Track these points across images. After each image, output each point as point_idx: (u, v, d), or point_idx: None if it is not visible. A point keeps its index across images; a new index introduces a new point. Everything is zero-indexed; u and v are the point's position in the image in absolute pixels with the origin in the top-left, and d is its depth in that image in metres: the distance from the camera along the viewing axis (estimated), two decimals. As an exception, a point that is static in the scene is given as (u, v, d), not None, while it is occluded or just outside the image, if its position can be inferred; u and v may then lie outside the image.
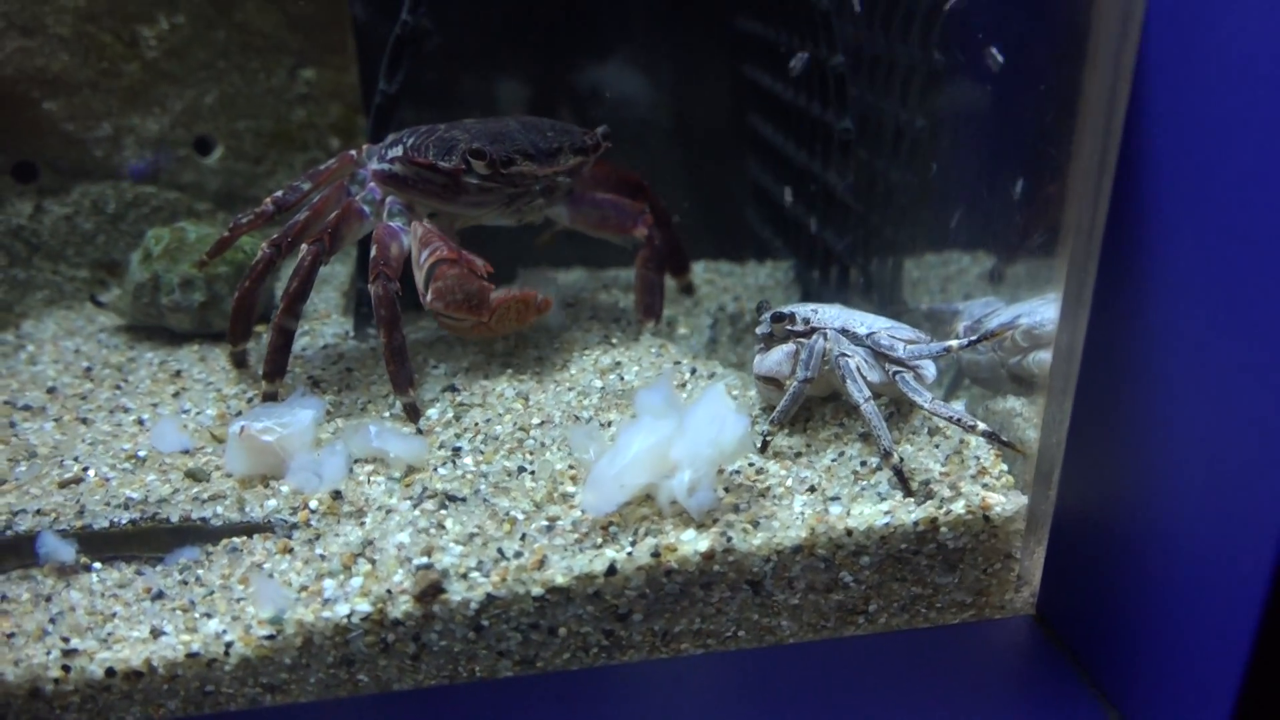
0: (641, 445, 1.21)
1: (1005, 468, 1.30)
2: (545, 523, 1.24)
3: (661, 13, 2.20)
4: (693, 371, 1.52)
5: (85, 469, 1.35)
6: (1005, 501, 1.25)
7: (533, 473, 1.31)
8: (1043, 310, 1.42)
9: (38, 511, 1.27)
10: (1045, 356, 1.31)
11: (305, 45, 1.97)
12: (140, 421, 1.46)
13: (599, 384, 1.48)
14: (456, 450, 1.36)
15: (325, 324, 1.70)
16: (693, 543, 1.20)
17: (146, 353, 1.64)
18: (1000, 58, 1.38)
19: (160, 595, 1.21)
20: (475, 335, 1.49)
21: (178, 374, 1.57)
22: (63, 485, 1.32)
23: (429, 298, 1.38)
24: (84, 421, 1.47)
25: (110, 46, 1.79)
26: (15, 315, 1.77)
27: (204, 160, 1.93)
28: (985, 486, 1.27)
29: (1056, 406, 1.25)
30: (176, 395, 1.52)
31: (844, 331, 1.37)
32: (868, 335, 1.36)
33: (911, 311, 1.73)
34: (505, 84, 2.17)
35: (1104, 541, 1.19)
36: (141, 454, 1.38)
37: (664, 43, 2.19)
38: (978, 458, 1.31)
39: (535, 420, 1.40)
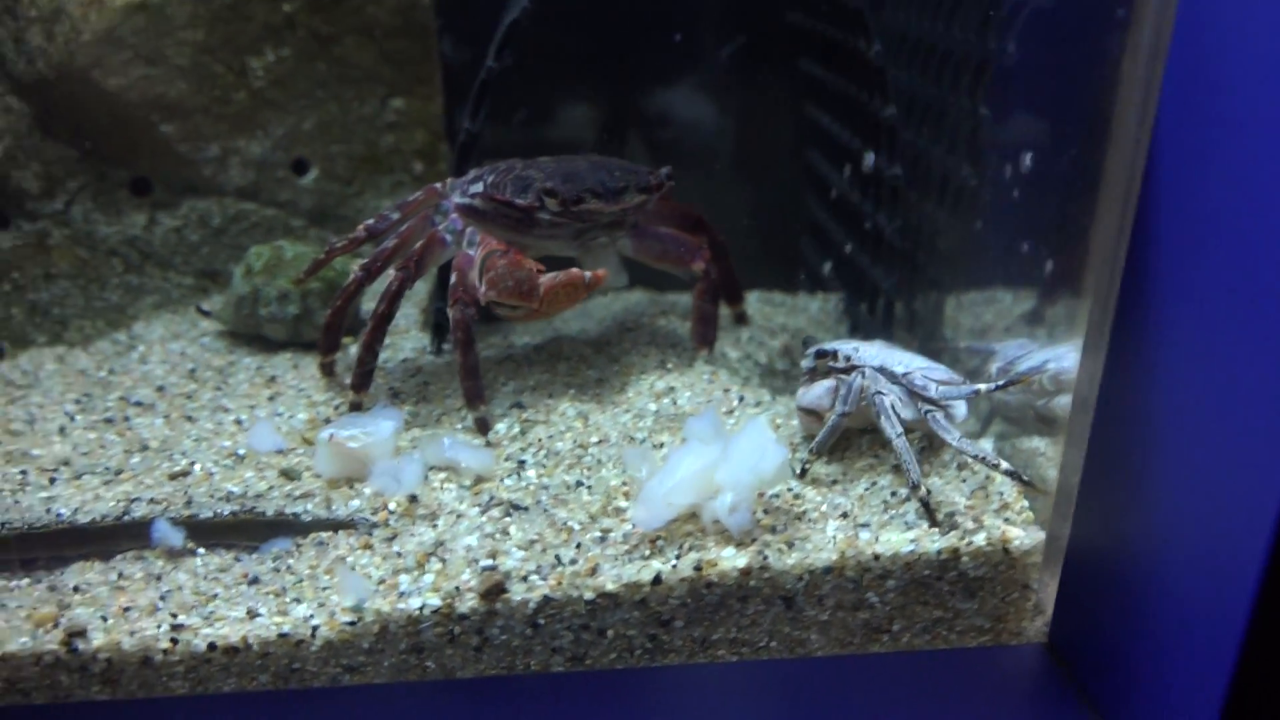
0: (689, 468, 1.34)
1: (1026, 504, 1.40)
2: (599, 534, 1.36)
3: (730, 52, 2.31)
4: (740, 399, 1.64)
5: (192, 463, 1.51)
6: (1024, 536, 1.35)
7: (589, 487, 1.44)
8: (1070, 357, 1.51)
9: (151, 500, 1.43)
10: (1069, 401, 1.40)
11: (396, 77, 2.12)
12: (239, 421, 1.62)
13: (653, 407, 1.61)
14: (521, 463, 1.49)
15: (405, 339, 1.85)
16: (732, 559, 1.32)
17: (245, 358, 1.81)
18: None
19: (255, 580, 1.35)
20: (533, 319, 1.57)
21: (273, 379, 1.73)
22: (172, 477, 1.48)
23: (483, 289, 1.49)
24: (189, 419, 1.63)
25: (222, 76, 1.96)
26: (128, 317, 1.95)
27: (300, 180, 2.10)
28: (1007, 521, 1.37)
29: (1075, 449, 1.35)
30: (271, 399, 1.67)
31: (882, 370, 1.48)
32: (904, 375, 1.46)
33: (950, 349, 1.83)
34: (579, 118, 2.31)
35: (1112, 578, 1.29)
36: (240, 452, 1.54)
37: (732, 81, 2.30)
38: (1001, 493, 1.41)
39: (594, 439, 1.53)
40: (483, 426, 1.56)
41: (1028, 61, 1.64)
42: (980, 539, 1.34)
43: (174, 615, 1.30)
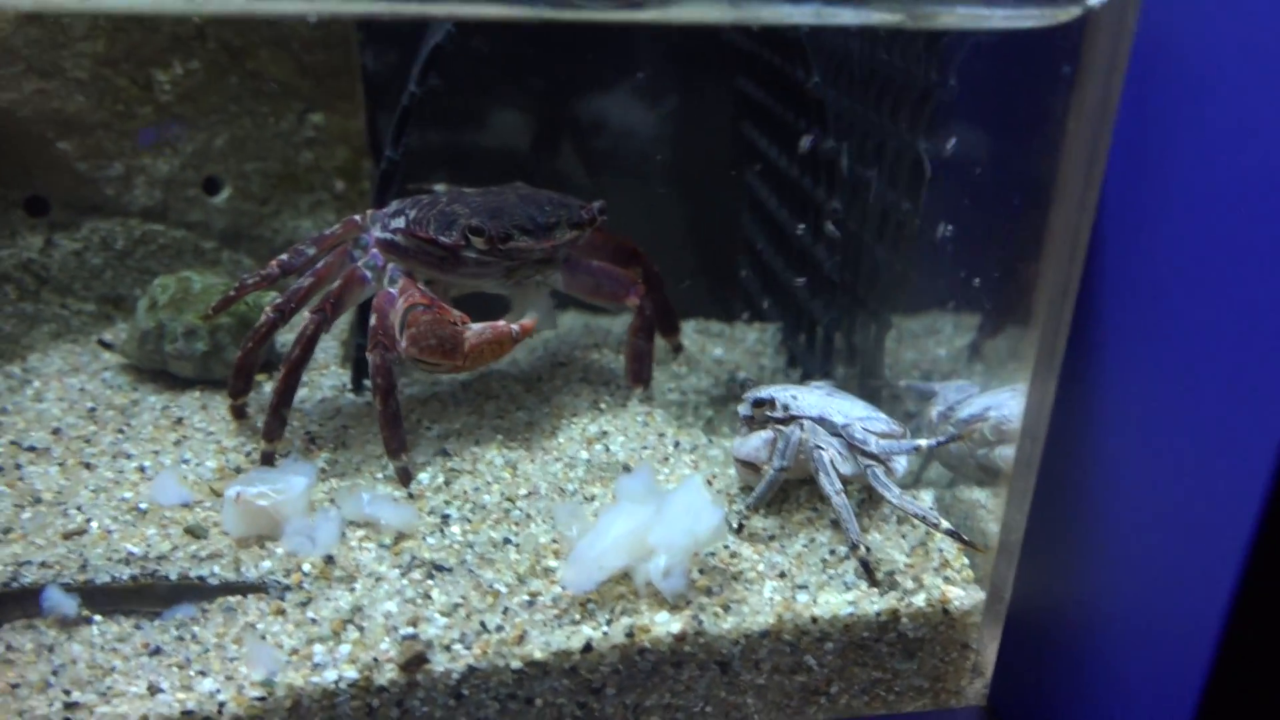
0: (621, 529, 1.28)
1: (967, 561, 1.37)
2: (527, 597, 1.30)
3: (665, 67, 2.26)
4: (676, 445, 1.58)
5: (88, 520, 1.40)
6: (964, 596, 1.32)
7: (517, 545, 1.38)
8: (1012, 404, 1.48)
9: (42, 564, 1.32)
10: (1011, 453, 1.37)
11: (315, 91, 2.02)
12: (141, 469, 1.52)
13: (585, 455, 1.54)
14: (445, 518, 1.42)
15: (324, 375, 1.75)
16: (666, 624, 1.26)
17: (149, 396, 1.70)
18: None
19: (158, 651, 1.26)
20: (457, 372, 1.51)
21: (179, 421, 1.62)
22: (66, 536, 1.38)
23: (404, 344, 1.42)
24: (87, 466, 1.52)
25: (126, 90, 1.84)
26: (22, 348, 1.82)
27: (211, 200, 1.98)
28: (946, 580, 1.34)
29: (1016, 506, 1.32)
30: (178, 444, 1.57)
31: (821, 420, 1.43)
32: (844, 426, 1.42)
33: (891, 387, 1.80)
34: (507, 139, 2.23)
35: (1054, 640, 1.26)
36: (143, 506, 1.44)
37: (667, 97, 2.25)
38: (942, 550, 1.37)
39: (522, 491, 1.46)
40: (405, 477, 1.48)
41: (969, 99, 1.60)
42: (920, 599, 1.31)
43: (67, 692, 1.20)
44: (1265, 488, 0.90)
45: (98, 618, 1.31)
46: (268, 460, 1.49)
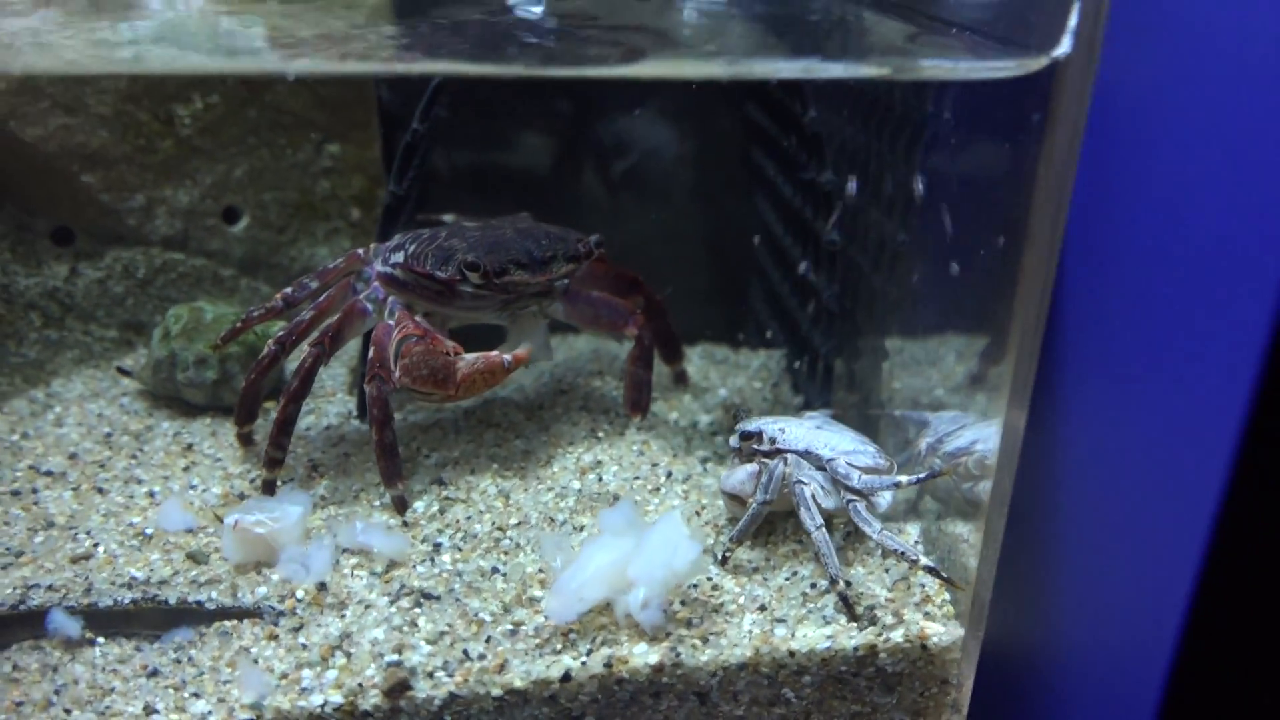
0: (601, 561, 1.31)
1: (948, 597, 1.37)
2: (510, 626, 1.33)
3: (678, 92, 2.28)
4: (669, 475, 1.61)
5: (96, 544, 1.46)
6: (944, 632, 1.32)
7: (505, 575, 1.41)
8: (996, 438, 1.49)
9: (49, 587, 1.38)
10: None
11: (331, 121, 2.07)
12: (151, 495, 1.57)
13: (577, 485, 1.57)
14: (437, 546, 1.46)
15: (330, 402, 1.80)
16: (644, 655, 1.28)
17: (163, 422, 1.76)
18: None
19: (155, 673, 1.31)
20: (451, 402, 1.54)
21: (189, 447, 1.68)
22: (74, 561, 1.43)
23: (396, 374, 1.46)
24: (100, 491, 1.58)
25: (147, 124, 1.91)
26: (46, 373, 1.90)
27: (230, 229, 2.05)
28: (927, 615, 1.34)
29: (990, 542, 1.33)
30: (186, 470, 1.63)
31: (807, 454, 1.45)
32: (828, 461, 1.43)
33: (887, 415, 1.81)
34: (518, 163, 2.27)
35: (1023, 676, 1.27)
36: (148, 531, 1.49)
37: (680, 121, 2.27)
38: (923, 585, 1.38)
39: (513, 520, 1.50)
40: (400, 505, 1.52)
41: (959, 137, 1.61)
42: (898, 635, 1.32)
43: (68, 711, 1.25)
44: (1209, 524, 0.91)
45: (101, 639, 1.36)
46: (269, 489, 1.54)
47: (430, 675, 1.27)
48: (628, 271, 1.82)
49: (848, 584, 1.35)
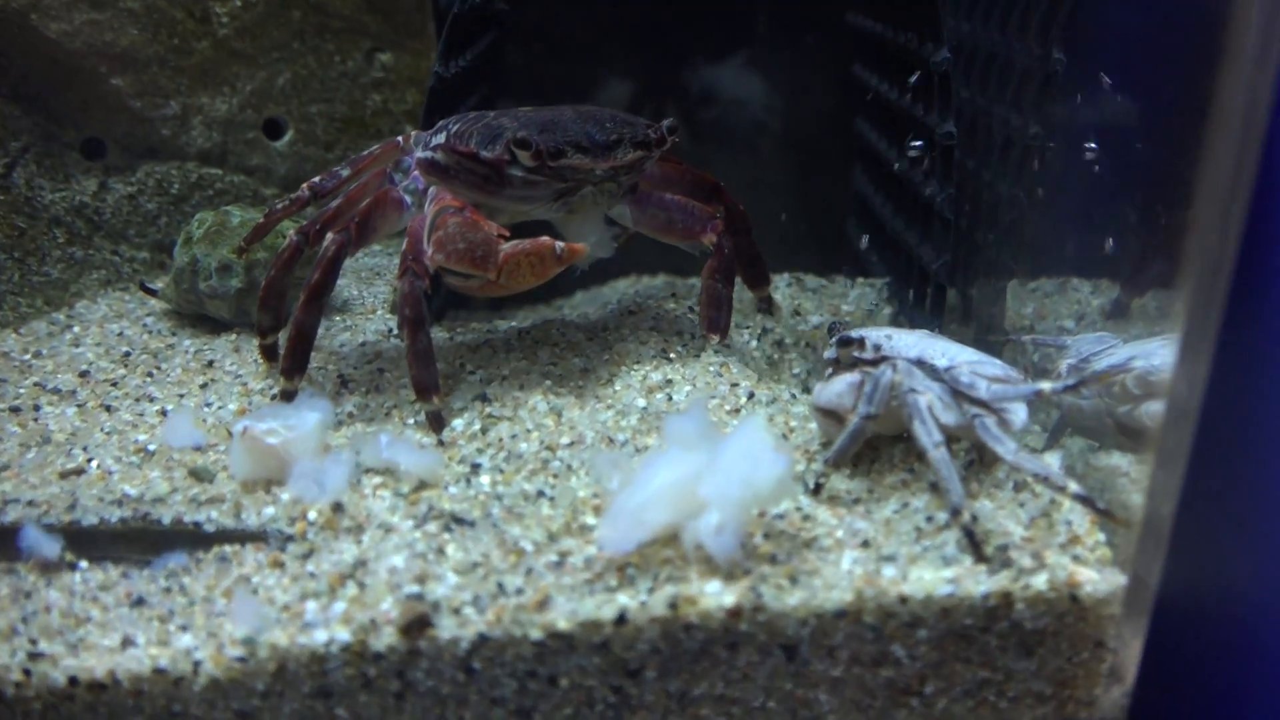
0: (665, 479, 1.06)
1: (1103, 538, 1.09)
2: (555, 557, 1.10)
3: (774, 6, 2.06)
4: (750, 396, 1.36)
5: (90, 460, 1.28)
6: (1098, 579, 1.05)
7: (552, 499, 1.18)
8: (1162, 353, 1.20)
9: (29, 503, 1.20)
10: (1159, 409, 1.10)
11: (383, 28, 1.89)
12: (163, 412, 1.39)
13: (642, 403, 1.34)
14: (475, 467, 1.23)
15: (370, 320, 1.60)
16: (717, 596, 1.04)
17: (186, 340, 1.58)
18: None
19: (141, 602, 1.12)
20: (491, 292, 1.30)
21: (210, 364, 1.49)
22: (63, 476, 1.25)
23: (430, 250, 1.24)
24: (108, 409, 1.40)
25: (181, 23, 1.74)
26: (70, 295, 1.74)
27: (273, 144, 1.87)
28: (1076, 559, 1.07)
29: (1168, 470, 1.05)
30: (204, 387, 1.44)
31: (919, 363, 1.19)
32: (946, 369, 1.17)
33: (1013, 343, 1.53)
34: (598, 76, 2.07)
35: (1217, 637, 0.98)
36: (151, 448, 1.30)
37: (771, 36, 2.06)
38: (1069, 522, 1.11)
39: (565, 440, 1.27)
40: (435, 423, 1.30)
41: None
42: (1040, 581, 1.04)
43: (33, 641, 1.07)
44: None
45: (83, 564, 1.18)
46: (288, 400, 1.34)
47: (457, 611, 1.05)
48: (707, 175, 1.58)
49: (973, 517, 1.08)
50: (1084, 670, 1.08)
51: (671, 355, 1.47)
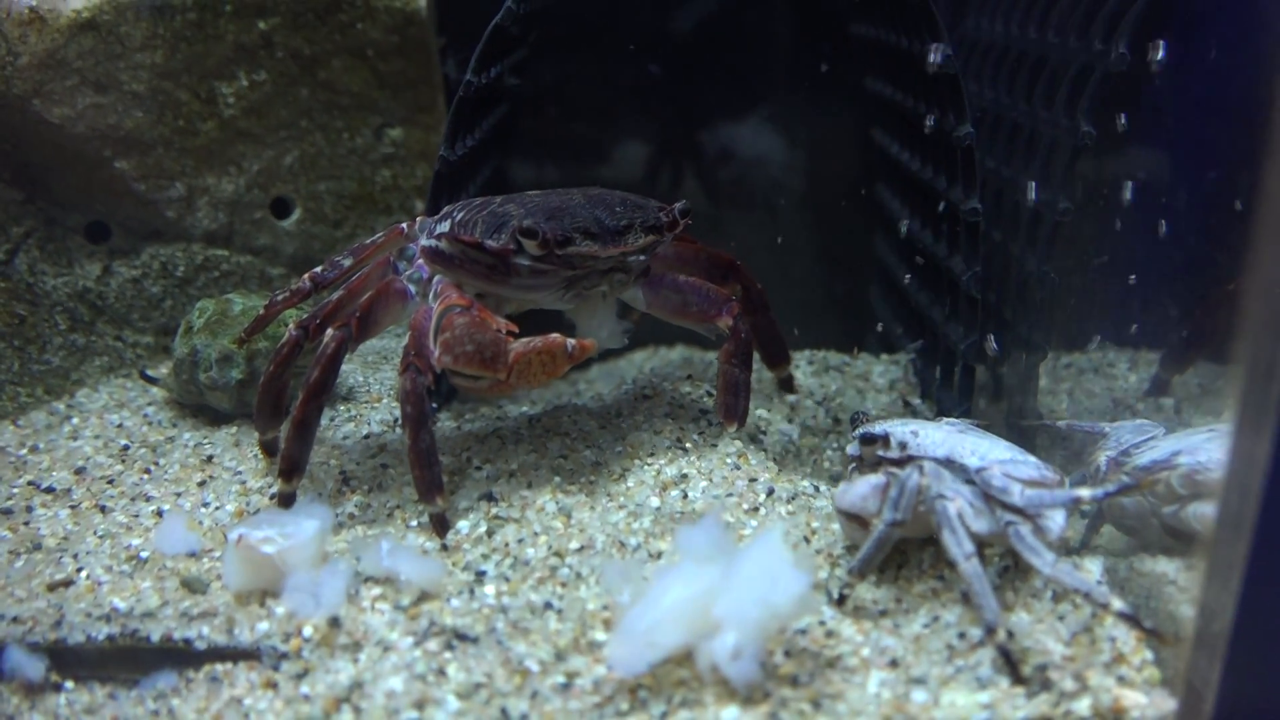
0: (677, 596, 1.00)
1: (1150, 656, 1.01)
2: (563, 679, 1.03)
3: (791, 69, 2.03)
4: (769, 492, 1.29)
5: (79, 570, 1.22)
6: (1145, 703, 0.97)
7: (559, 612, 1.11)
8: (1209, 448, 1.13)
9: (14, 619, 1.14)
10: (1210, 510, 1.02)
11: (393, 104, 1.86)
12: (159, 513, 1.33)
13: (655, 503, 1.27)
14: (480, 575, 1.17)
15: (375, 409, 1.54)
16: (736, 723, 0.97)
17: (186, 433, 1.53)
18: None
19: (127, 727, 1.06)
20: (500, 392, 1.26)
21: (209, 459, 1.44)
22: (51, 588, 1.19)
23: (437, 352, 1.20)
24: (102, 510, 1.35)
25: (187, 104, 1.71)
26: (71, 383, 1.69)
27: (280, 223, 1.84)
28: (1121, 680, 0.99)
29: (1221, 579, 0.97)
30: (202, 485, 1.39)
31: (948, 462, 1.12)
32: (978, 471, 1.10)
33: (1047, 428, 1.46)
34: (614, 139, 2.05)
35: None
36: (144, 554, 1.25)
37: (790, 100, 2.02)
38: (1114, 639, 1.03)
39: (574, 544, 1.20)
40: (439, 525, 1.24)
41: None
42: (1083, 705, 0.97)
43: (15, 775, 1.01)
44: None
45: (69, 684, 1.12)
46: (285, 503, 1.28)
47: (457, 741, 0.98)
48: (723, 254, 1.52)
49: (1009, 634, 1.01)
50: (1134, 802, 1.00)
51: (687, 445, 1.41)
